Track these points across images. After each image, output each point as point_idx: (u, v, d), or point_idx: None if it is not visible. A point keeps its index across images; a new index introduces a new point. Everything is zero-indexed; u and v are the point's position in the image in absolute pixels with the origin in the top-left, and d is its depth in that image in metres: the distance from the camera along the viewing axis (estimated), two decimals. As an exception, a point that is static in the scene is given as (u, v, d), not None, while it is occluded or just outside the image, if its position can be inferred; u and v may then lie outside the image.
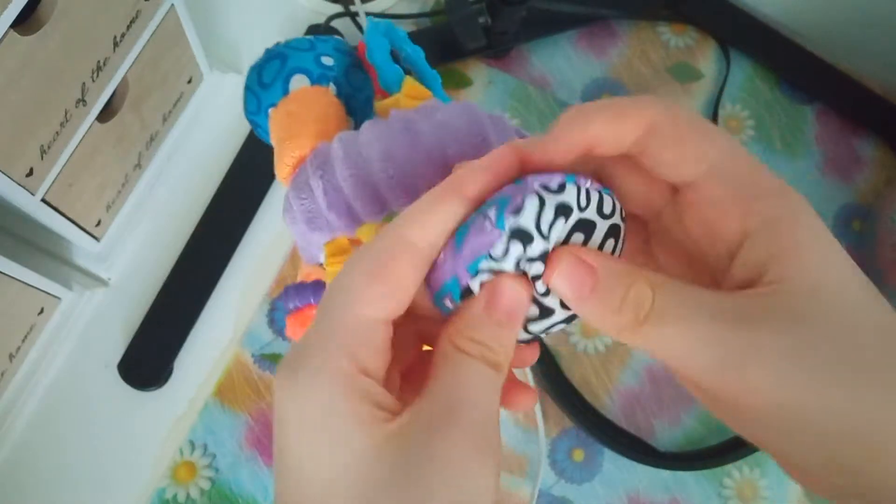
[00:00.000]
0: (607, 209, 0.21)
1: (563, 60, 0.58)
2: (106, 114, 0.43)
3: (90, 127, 0.41)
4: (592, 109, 0.21)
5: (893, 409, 0.18)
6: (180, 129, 0.52)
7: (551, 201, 0.20)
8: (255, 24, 0.57)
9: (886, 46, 0.58)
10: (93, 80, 0.40)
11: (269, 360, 0.50)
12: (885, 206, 0.55)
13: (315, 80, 0.36)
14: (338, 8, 0.56)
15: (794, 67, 0.60)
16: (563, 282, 0.20)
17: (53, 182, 0.41)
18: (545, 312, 0.22)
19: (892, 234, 0.53)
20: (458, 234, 0.21)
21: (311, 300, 0.36)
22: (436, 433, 0.18)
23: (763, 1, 0.60)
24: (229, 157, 0.53)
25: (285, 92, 0.36)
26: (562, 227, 0.21)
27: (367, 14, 0.55)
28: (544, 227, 0.20)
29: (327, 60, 0.36)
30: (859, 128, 0.59)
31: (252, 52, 0.56)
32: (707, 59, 0.60)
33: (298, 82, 0.36)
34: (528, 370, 0.51)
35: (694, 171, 0.21)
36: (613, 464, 0.50)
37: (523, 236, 0.20)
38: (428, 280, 0.22)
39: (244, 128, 0.54)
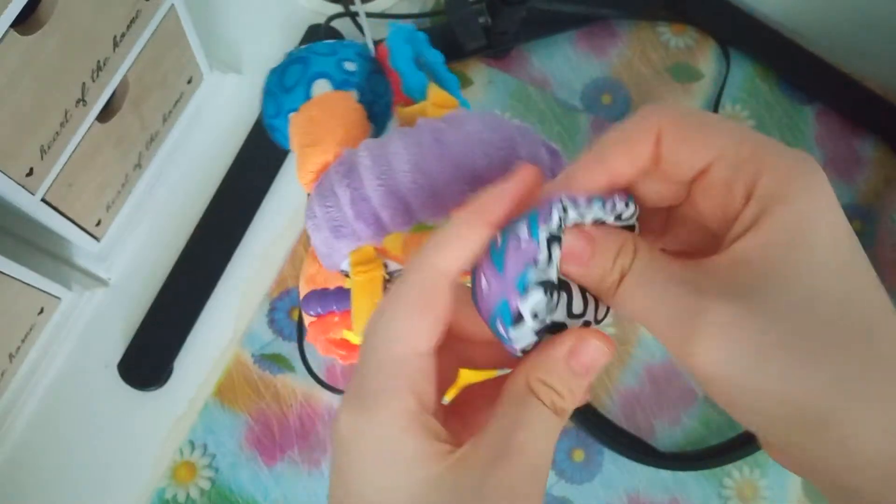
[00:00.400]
0: (626, 214, 0.23)
1: (563, 60, 0.58)
2: (106, 114, 0.43)
3: (90, 127, 0.41)
4: (605, 150, 0.22)
5: (838, 389, 0.18)
6: (180, 129, 0.52)
7: (582, 208, 0.22)
8: (255, 24, 0.57)
9: (886, 47, 0.58)
10: (93, 80, 0.40)
11: (269, 360, 0.50)
12: (885, 206, 0.55)
13: (337, 86, 0.36)
14: (338, 8, 0.56)
15: (794, 67, 0.60)
16: (566, 249, 0.22)
17: (53, 182, 0.41)
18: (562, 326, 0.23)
19: (892, 234, 0.53)
20: (495, 257, 0.22)
21: (334, 307, 0.36)
22: (492, 472, 0.20)
23: (763, 1, 0.60)
24: (229, 157, 0.53)
25: (307, 97, 0.36)
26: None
27: (368, 14, 0.55)
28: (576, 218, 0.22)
29: (349, 66, 0.36)
30: (859, 128, 0.59)
31: (252, 53, 0.56)
32: (707, 59, 0.60)
33: (321, 87, 0.36)
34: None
35: (702, 160, 0.21)
36: (613, 464, 0.50)
37: (560, 242, 0.21)
38: (478, 308, 0.23)
39: (244, 128, 0.54)
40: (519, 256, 0.21)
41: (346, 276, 0.34)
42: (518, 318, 0.21)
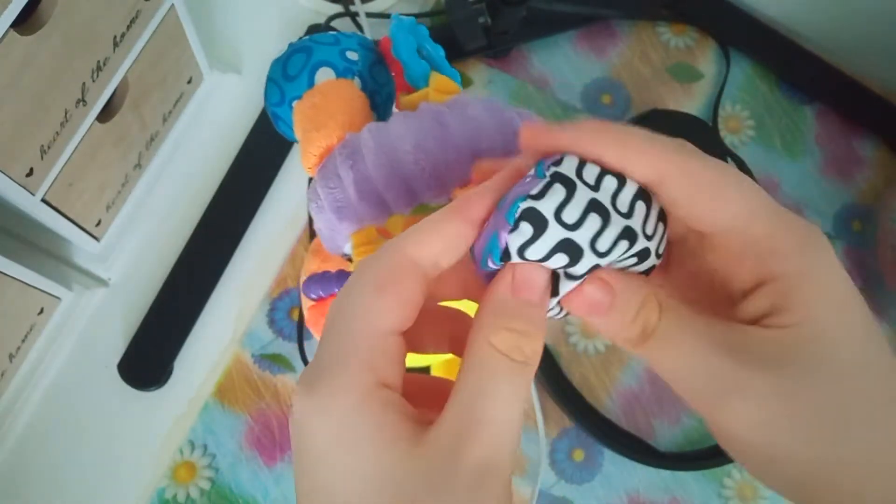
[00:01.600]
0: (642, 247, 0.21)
1: (563, 60, 0.58)
2: (106, 114, 0.43)
3: (90, 127, 0.41)
4: (605, 131, 0.21)
5: (864, 462, 0.19)
6: (180, 129, 0.52)
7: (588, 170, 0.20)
8: (255, 24, 0.57)
9: (886, 47, 0.58)
10: (93, 80, 0.40)
11: (269, 360, 0.50)
12: (885, 206, 0.55)
13: (340, 74, 0.36)
14: (338, 8, 0.56)
15: (793, 67, 0.60)
16: (585, 300, 0.21)
17: (53, 182, 0.41)
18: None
19: (892, 235, 0.53)
20: (501, 200, 0.21)
21: (336, 290, 0.36)
22: (461, 450, 0.19)
23: (763, 1, 0.60)
24: (229, 157, 0.53)
25: (310, 84, 0.36)
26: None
27: (368, 14, 0.55)
28: (586, 179, 0.20)
29: (352, 55, 0.37)
30: (859, 128, 0.59)
31: (252, 53, 0.56)
32: (707, 59, 0.60)
33: (324, 75, 0.36)
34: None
35: (709, 225, 0.21)
36: (613, 464, 0.50)
37: (565, 181, 0.20)
38: (473, 249, 0.22)
39: (244, 127, 0.54)
40: (519, 189, 0.20)
41: (349, 260, 0.34)
42: (505, 255, 0.20)
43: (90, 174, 0.44)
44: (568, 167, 0.20)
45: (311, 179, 0.34)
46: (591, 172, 0.20)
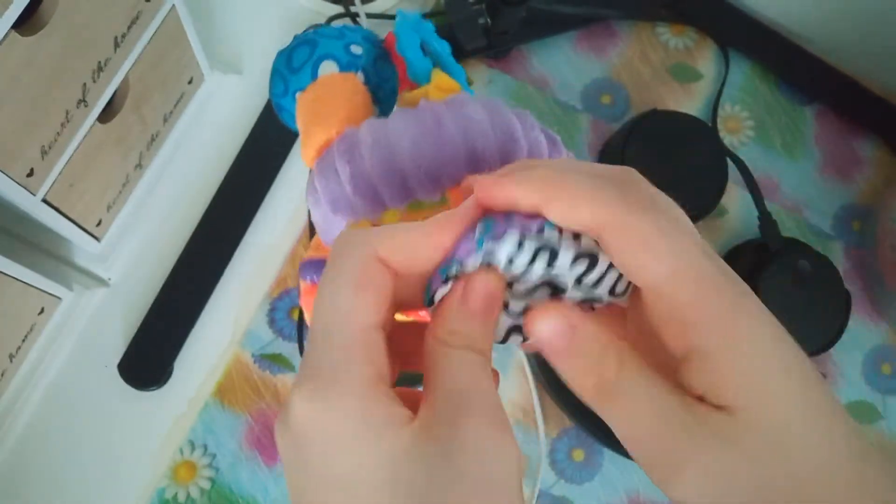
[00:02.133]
0: (596, 282, 0.22)
1: (563, 61, 0.58)
2: (107, 114, 0.43)
3: (91, 127, 0.41)
4: (550, 182, 0.21)
5: None
6: (181, 129, 0.52)
7: (531, 243, 0.21)
8: (255, 24, 0.57)
9: (886, 46, 0.58)
10: (94, 81, 0.40)
11: (269, 360, 0.50)
12: (884, 206, 0.55)
13: (344, 68, 0.36)
14: (338, 8, 0.56)
15: (793, 68, 0.60)
16: (543, 333, 0.21)
17: (54, 182, 0.41)
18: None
19: (892, 235, 0.53)
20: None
21: None
22: (458, 423, 0.19)
23: (762, 2, 0.60)
24: (230, 158, 0.53)
25: (314, 77, 0.36)
26: (535, 268, 0.21)
27: (368, 15, 0.56)
28: (517, 264, 0.21)
29: (356, 49, 0.37)
30: (859, 128, 0.59)
31: (252, 53, 0.56)
32: (706, 59, 0.60)
33: (327, 68, 0.36)
34: (527, 370, 0.51)
35: (639, 281, 0.21)
36: (613, 464, 0.50)
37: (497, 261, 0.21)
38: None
39: (244, 128, 0.54)
40: (460, 249, 0.21)
41: None
42: (430, 302, 0.22)
43: (91, 174, 0.44)
44: (501, 252, 0.21)
45: (311, 172, 0.34)
46: (522, 260, 0.21)
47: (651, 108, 0.54)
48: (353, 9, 0.56)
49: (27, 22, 0.33)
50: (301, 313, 0.50)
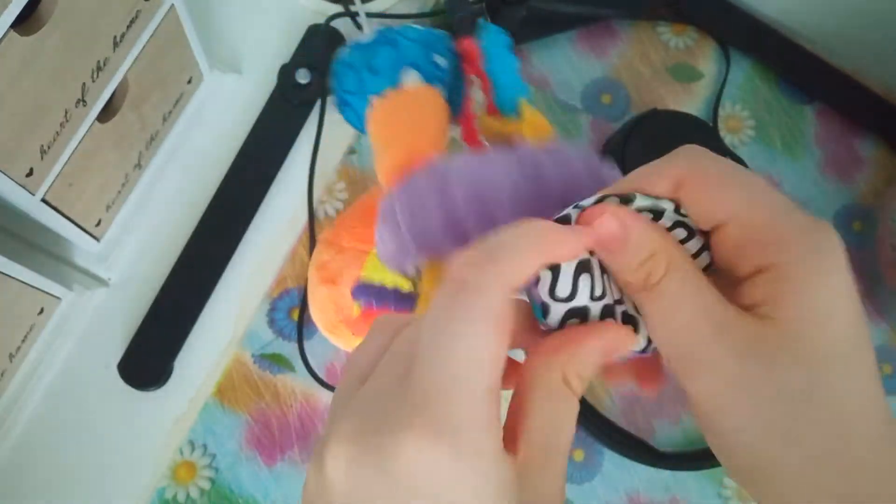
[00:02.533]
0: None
1: (563, 60, 0.58)
2: (106, 114, 0.43)
3: (90, 127, 0.41)
4: (630, 181, 0.23)
5: (806, 469, 0.20)
6: (180, 129, 0.52)
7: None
8: (255, 24, 0.57)
9: (887, 47, 0.58)
10: (93, 81, 0.40)
11: (269, 360, 0.50)
12: (885, 206, 0.55)
13: (427, 80, 0.35)
14: (338, 8, 0.56)
15: (794, 67, 0.60)
16: (602, 229, 0.22)
17: (53, 182, 0.41)
18: None
19: (892, 235, 0.53)
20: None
21: (391, 307, 0.36)
22: (538, 483, 0.20)
23: (763, 1, 0.60)
24: (229, 158, 0.53)
25: (393, 83, 0.35)
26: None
27: (368, 14, 0.55)
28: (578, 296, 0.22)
29: (440, 60, 0.35)
30: (859, 128, 0.59)
31: (252, 53, 0.56)
32: (707, 59, 0.60)
33: (410, 77, 0.35)
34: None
35: (715, 219, 0.22)
36: (613, 464, 0.50)
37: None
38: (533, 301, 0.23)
39: (244, 128, 0.54)
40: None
41: (407, 279, 0.34)
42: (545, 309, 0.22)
43: (90, 174, 0.44)
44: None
45: (388, 195, 0.32)
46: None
47: (651, 108, 0.54)
48: (352, 8, 0.56)
49: (26, 21, 0.33)
50: (301, 314, 0.50)
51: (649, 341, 0.24)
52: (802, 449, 0.20)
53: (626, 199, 0.22)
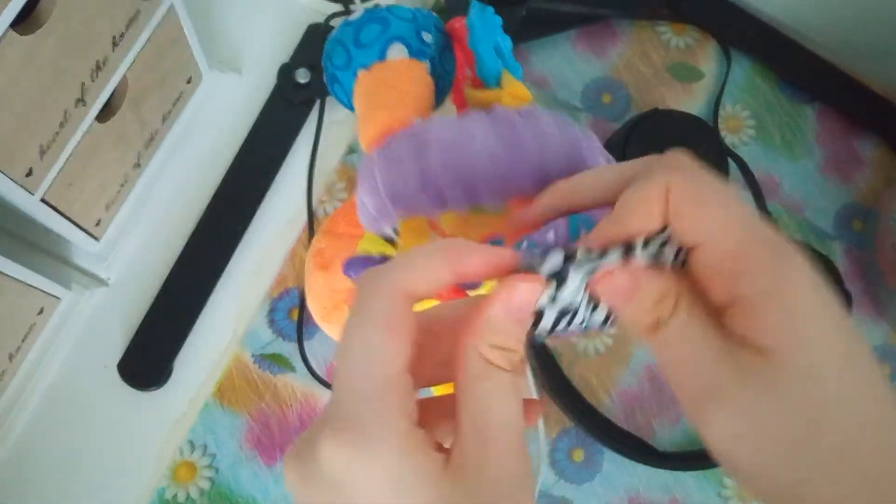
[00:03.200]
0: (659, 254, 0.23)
1: (563, 60, 0.58)
2: (105, 113, 0.43)
3: (90, 127, 0.41)
4: (627, 214, 0.23)
5: (831, 490, 0.20)
6: (180, 128, 0.52)
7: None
8: (254, 23, 0.57)
9: (886, 46, 0.58)
10: (92, 80, 0.40)
11: (269, 360, 0.50)
12: (885, 206, 0.55)
13: (413, 54, 0.35)
14: (338, 7, 0.56)
15: (794, 67, 0.60)
16: (609, 287, 0.23)
17: (53, 182, 0.41)
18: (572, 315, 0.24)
19: (892, 235, 0.53)
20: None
21: None
22: (482, 469, 0.20)
23: (763, 1, 0.60)
24: (229, 157, 0.53)
25: (381, 57, 0.35)
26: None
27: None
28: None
29: (427, 36, 0.36)
30: (859, 128, 0.59)
31: (252, 52, 0.56)
32: (707, 58, 0.60)
33: (397, 51, 0.35)
34: (528, 370, 0.51)
35: (692, 240, 0.22)
36: (613, 464, 0.50)
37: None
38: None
39: (244, 128, 0.54)
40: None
41: (386, 240, 0.34)
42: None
43: (89, 174, 0.44)
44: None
45: (366, 157, 0.33)
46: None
47: (652, 108, 0.54)
48: (352, 7, 0.56)
49: (25, 21, 0.33)
50: (301, 314, 0.50)
51: (608, 316, 0.24)
52: (820, 479, 0.20)
53: (628, 248, 0.23)
